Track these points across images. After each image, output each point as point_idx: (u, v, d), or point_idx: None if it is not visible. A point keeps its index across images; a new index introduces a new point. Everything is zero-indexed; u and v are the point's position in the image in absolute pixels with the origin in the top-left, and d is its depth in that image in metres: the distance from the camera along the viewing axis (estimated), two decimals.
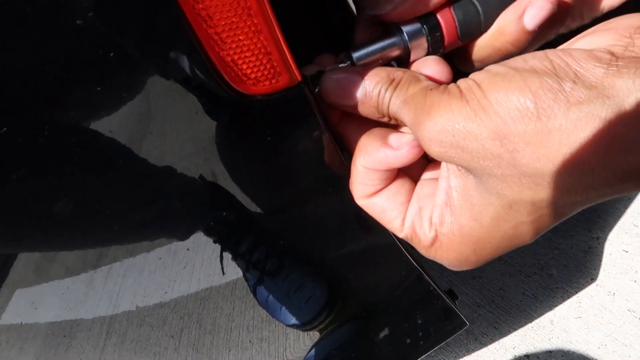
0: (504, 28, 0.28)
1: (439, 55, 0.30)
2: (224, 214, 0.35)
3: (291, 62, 0.25)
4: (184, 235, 0.36)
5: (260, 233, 0.38)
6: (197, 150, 0.29)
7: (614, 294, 0.71)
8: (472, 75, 0.25)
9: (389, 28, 0.31)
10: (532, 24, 0.27)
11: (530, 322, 0.75)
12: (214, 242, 0.38)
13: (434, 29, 0.29)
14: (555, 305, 0.75)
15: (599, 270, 0.74)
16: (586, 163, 0.21)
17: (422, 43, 0.29)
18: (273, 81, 0.26)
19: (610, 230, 0.76)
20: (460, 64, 0.32)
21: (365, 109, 0.28)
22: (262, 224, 0.37)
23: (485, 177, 0.24)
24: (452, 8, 0.29)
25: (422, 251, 0.29)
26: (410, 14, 0.29)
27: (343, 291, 0.43)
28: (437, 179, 0.29)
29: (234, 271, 0.42)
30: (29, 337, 0.40)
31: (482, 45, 0.30)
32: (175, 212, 0.34)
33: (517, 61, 0.24)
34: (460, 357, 0.78)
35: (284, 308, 0.43)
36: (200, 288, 0.42)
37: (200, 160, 0.30)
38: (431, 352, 0.80)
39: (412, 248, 0.46)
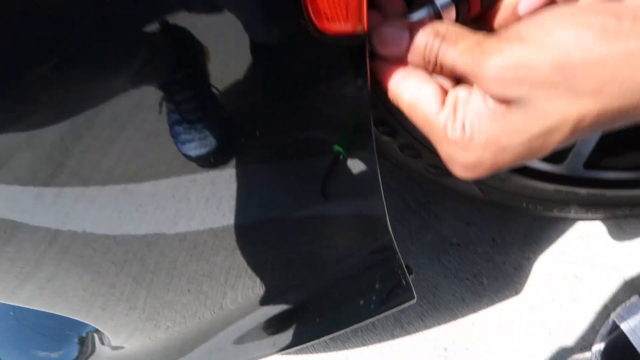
0: None
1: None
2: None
3: (365, 12, 0.28)
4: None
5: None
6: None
7: (533, 308, 0.79)
8: (528, 19, 0.28)
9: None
10: None
11: (454, 320, 0.82)
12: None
13: (463, 3, 0.33)
14: (480, 310, 0.82)
15: (524, 286, 0.82)
16: (632, 80, 0.25)
17: (451, 13, 0.33)
18: (344, 24, 0.28)
19: (540, 253, 0.84)
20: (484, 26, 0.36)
21: (412, 59, 0.31)
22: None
23: (535, 101, 0.27)
24: None
25: (444, 145, 0.31)
26: None
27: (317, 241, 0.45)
28: (470, 87, 0.31)
29: (186, 224, 0.42)
30: None
31: (506, 6, 0.33)
32: None
33: (573, 8, 0.28)
34: (384, 341, 0.83)
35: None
36: (150, 232, 0.42)
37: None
38: (356, 331, 0.84)
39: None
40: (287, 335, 0.55)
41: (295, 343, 0.56)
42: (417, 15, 0.33)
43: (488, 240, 0.88)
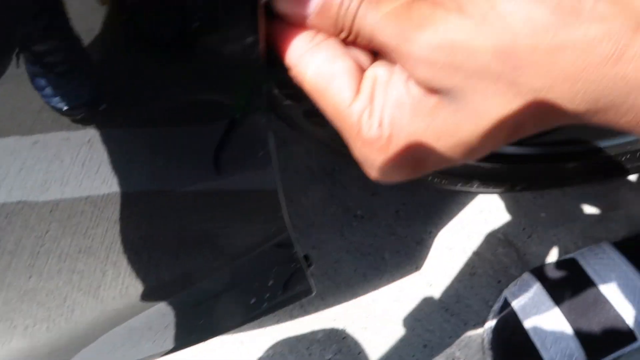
0: None
1: None
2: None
3: None
4: None
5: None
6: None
7: (431, 285, 0.78)
8: None
9: None
10: None
11: (355, 298, 0.79)
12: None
13: None
14: (380, 287, 0.79)
15: (424, 261, 0.80)
16: (585, 81, 0.20)
17: None
18: None
19: (442, 227, 0.83)
20: None
21: (322, 20, 0.22)
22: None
23: (469, 96, 0.21)
24: None
25: (357, 144, 0.24)
26: None
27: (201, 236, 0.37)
28: (393, 65, 0.24)
29: (60, 190, 0.34)
30: None
31: None
32: None
33: None
34: (282, 322, 0.78)
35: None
36: (9, 199, 0.33)
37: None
38: None
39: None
40: (168, 337, 0.48)
41: (179, 346, 0.48)
42: None
43: (392, 213, 0.85)
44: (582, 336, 0.66)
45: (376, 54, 0.24)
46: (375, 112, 0.23)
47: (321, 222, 0.84)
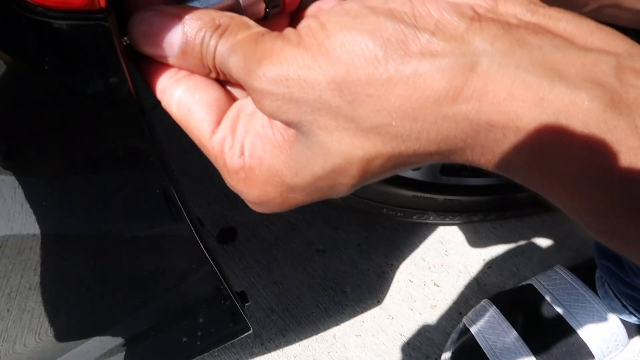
0: None
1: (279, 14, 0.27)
2: None
3: None
4: None
5: None
6: None
7: (393, 318, 0.78)
8: (319, 14, 0.22)
9: None
10: None
11: (317, 334, 0.78)
12: None
13: None
14: (342, 322, 0.78)
15: (385, 294, 0.80)
16: (425, 120, 0.20)
17: (258, 4, 0.26)
18: None
19: (403, 260, 0.83)
20: None
21: (187, 61, 0.23)
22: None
23: (315, 131, 0.21)
24: None
25: (225, 176, 0.24)
26: None
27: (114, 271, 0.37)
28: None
29: (7, 226, 0.33)
30: None
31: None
32: None
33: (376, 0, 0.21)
34: None
35: None
36: None
37: None
38: (213, 352, 0.77)
39: (224, 237, 0.42)
40: None
41: None
42: (206, 1, 0.26)
43: (354, 246, 0.85)
44: (541, 357, 0.66)
45: None
46: (236, 141, 0.23)
47: (284, 256, 0.84)
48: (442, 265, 0.82)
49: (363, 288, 0.81)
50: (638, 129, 0.19)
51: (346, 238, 0.86)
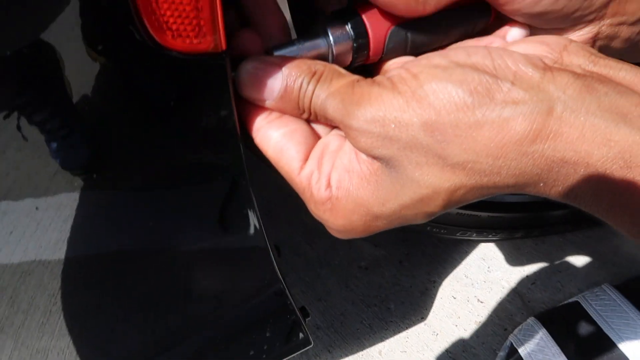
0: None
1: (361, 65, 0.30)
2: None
3: (221, 26, 0.23)
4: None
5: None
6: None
7: (437, 334, 0.78)
8: (408, 65, 0.25)
9: (315, 28, 0.30)
10: None
11: (362, 350, 0.79)
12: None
13: (361, 38, 0.28)
14: (387, 338, 0.79)
15: (429, 311, 0.81)
16: (507, 158, 0.23)
17: (347, 49, 0.29)
18: (195, 40, 0.23)
19: (446, 276, 0.84)
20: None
21: (284, 104, 0.26)
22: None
23: (405, 166, 0.24)
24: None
25: (311, 206, 0.27)
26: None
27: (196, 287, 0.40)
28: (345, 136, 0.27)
29: (73, 247, 0.36)
30: None
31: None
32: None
33: (459, 54, 0.25)
34: None
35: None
36: (27, 259, 0.35)
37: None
38: None
39: (280, 255, 0.45)
40: None
41: None
42: (301, 48, 0.28)
43: (395, 263, 0.86)
44: None
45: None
46: (323, 175, 0.26)
47: (327, 273, 0.86)
48: (484, 282, 0.82)
49: (406, 304, 0.82)
50: None
51: (387, 255, 0.87)
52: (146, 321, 0.44)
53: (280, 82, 0.25)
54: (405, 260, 0.86)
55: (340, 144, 0.27)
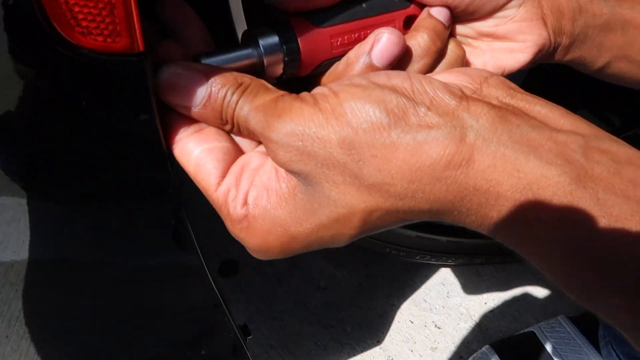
0: (353, 63, 0.28)
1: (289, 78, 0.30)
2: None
3: (137, 25, 0.21)
4: None
5: None
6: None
7: (392, 359, 0.77)
8: (330, 84, 0.25)
9: (246, 37, 0.29)
10: (380, 62, 0.28)
11: None
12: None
13: (291, 46, 0.28)
14: None
15: (386, 334, 0.79)
16: (420, 182, 0.23)
17: (278, 60, 0.28)
18: (109, 40, 0.21)
19: (404, 300, 0.83)
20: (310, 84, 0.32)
21: (206, 113, 0.25)
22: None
23: (323, 184, 0.23)
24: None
25: (228, 224, 0.26)
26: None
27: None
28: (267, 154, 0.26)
29: (14, 253, 0.34)
30: None
31: (334, 73, 0.30)
32: None
33: (380, 77, 0.25)
34: None
35: None
36: None
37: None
38: None
39: (225, 270, 0.43)
40: None
41: None
42: (230, 58, 0.28)
43: (355, 284, 0.85)
44: None
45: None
46: (240, 194, 0.25)
47: (285, 292, 0.84)
48: (443, 307, 0.82)
49: (363, 327, 0.80)
50: (600, 201, 0.22)
51: (347, 275, 0.86)
52: (67, 338, 0.42)
53: (204, 90, 0.24)
54: (365, 281, 0.85)
55: (262, 162, 0.26)
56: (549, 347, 0.69)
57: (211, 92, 0.25)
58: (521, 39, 0.32)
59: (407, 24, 0.32)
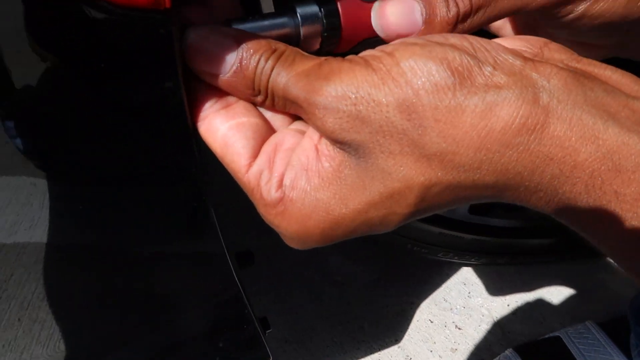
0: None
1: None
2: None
3: None
4: None
5: None
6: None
7: (411, 358, 0.75)
8: (379, 47, 0.22)
9: (283, 6, 0.27)
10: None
11: None
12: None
13: (332, 18, 0.25)
14: (357, 358, 0.75)
15: (404, 333, 0.77)
16: (489, 150, 0.20)
17: (316, 33, 0.26)
18: None
19: (424, 299, 0.80)
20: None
21: (236, 82, 0.22)
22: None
23: (377, 154, 0.21)
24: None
25: (260, 210, 0.24)
26: None
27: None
28: (304, 131, 0.24)
29: (28, 234, 0.33)
30: None
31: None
32: None
33: (435, 36, 0.22)
34: None
35: None
36: None
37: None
38: None
39: (240, 261, 0.41)
40: None
41: None
42: (264, 25, 0.25)
43: (373, 280, 0.82)
44: None
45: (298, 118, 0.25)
46: (274, 175, 0.23)
47: (300, 285, 0.82)
48: (464, 308, 0.79)
49: (380, 325, 0.78)
50: None
51: (365, 271, 0.83)
52: (85, 324, 0.40)
53: (234, 55, 0.22)
54: (383, 277, 0.82)
55: (297, 140, 0.24)
56: (576, 354, 0.66)
57: (242, 57, 0.22)
58: None
59: None
